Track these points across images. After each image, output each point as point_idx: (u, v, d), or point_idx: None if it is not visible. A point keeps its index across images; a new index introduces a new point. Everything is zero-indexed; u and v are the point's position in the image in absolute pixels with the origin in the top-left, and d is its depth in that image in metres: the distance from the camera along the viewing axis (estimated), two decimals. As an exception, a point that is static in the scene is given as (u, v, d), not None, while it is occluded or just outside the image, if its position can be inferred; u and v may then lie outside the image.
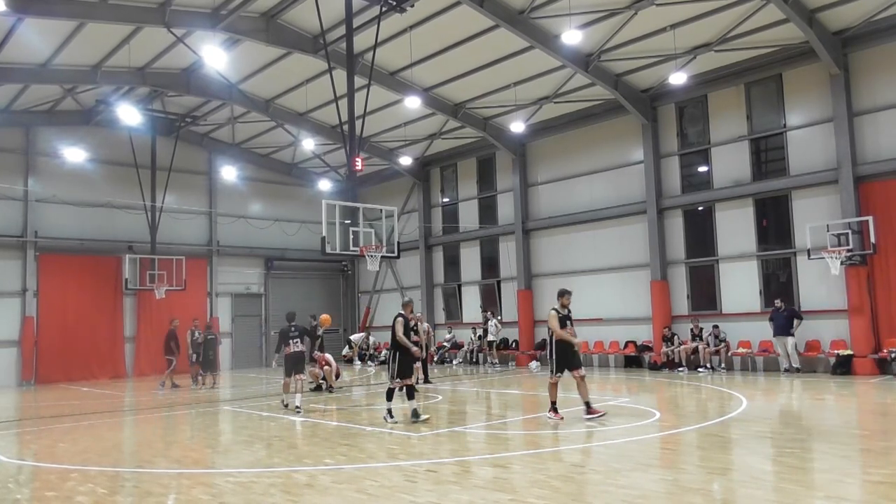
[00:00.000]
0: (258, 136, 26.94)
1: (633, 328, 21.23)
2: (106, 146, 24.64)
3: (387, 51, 19.19)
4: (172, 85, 21.83)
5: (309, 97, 22.77)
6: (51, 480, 7.87)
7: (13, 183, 23.02)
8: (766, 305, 18.19)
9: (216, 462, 8.81)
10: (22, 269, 23.21)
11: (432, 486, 6.92)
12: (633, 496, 6.21)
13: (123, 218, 25.07)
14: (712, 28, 17.52)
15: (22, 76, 19.82)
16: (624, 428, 10.24)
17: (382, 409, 11.68)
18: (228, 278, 27.96)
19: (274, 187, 29.44)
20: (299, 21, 18.81)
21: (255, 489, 7.02)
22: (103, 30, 17.88)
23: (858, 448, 8.22)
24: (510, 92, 21.71)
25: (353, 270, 31.63)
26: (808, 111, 18.03)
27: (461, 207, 27.06)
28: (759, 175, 19.00)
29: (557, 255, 23.47)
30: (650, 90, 20.64)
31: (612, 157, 21.98)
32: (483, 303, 25.42)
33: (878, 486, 6.44)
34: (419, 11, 17.44)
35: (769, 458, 7.94)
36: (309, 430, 11.00)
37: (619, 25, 17.78)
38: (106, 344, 24.50)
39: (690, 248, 20.36)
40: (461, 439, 9.89)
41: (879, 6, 16.03)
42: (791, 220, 18.18)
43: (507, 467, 7.80)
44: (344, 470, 7.81)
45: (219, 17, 17.65)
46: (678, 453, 8.64)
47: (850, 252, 16.32)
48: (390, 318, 11.87)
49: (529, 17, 17.58)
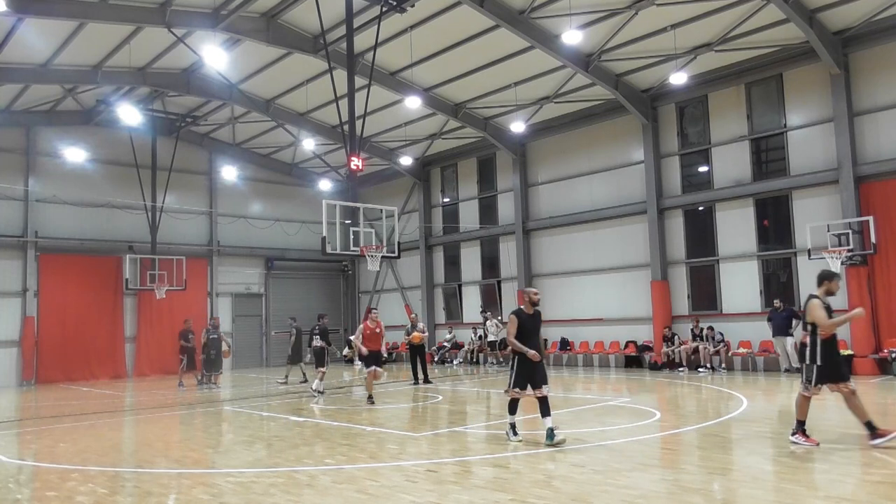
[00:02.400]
0: (258, 136, 26.95)
1: (633, 328, 21.24)
2: (106, 146, 24.65)
3: (387, 51, 19.19)
4: (173, 85, 21.84)
5: (309, 97, 22.77)
6: (51, 480, 7.87)
7: (14, 183, 23.03)
8: (767, 305, 18.18)
9: (216, 462, 8.81)
10: (22, 269, 23.21)
11: (433, 486, 6.92)
12: (633, 496, 6.21)
13: (124, 218, 25.08)
14: (713, 28, 17.52)
15: (22, 76, 19.83)
16: (624, 428, 10.24)
17: (504, 422, 9.41)
18: (229, 278, 27.96)
19: (274, 187, 29.44)
20: (299, 21, 18.81)
21: (255, 489, 7.01)
22: (104, 30, 17.88)
23: (858, 448, 8.21)
24: (510, 92, 21.71)
25: (354, 270, 31.64)
26: (808, 111, 18.02)
27: (461, 207, 27.07)
28: (760, 175, 19.00)
29: (558, 255, 23.47)
30: (650, 90, 20.64)
31: (613, 157, 21.99)
32: (483, 305, 25.40)
33: (879, 486, 6.44)
34: (419, 11, 17.44)
35: (769, 458, 7.93)
36: (309, 431, 10.99)
37: (620, 25, 17.78)
38: (106, 344, 24.49)
39: (691, 248, 20.36)
40: (461, 439, 9.89)
41: (880, 6, 16.03)
42: (791, 220, 18.18)
43: (507, 467, 7.81)
44: (344, 470, 7.81)
45: (219, 17, 17.65)
46: (678, 453, 8.64)
47: (850, 252, 16.32)
48: (391, 318, 11.73)
49: (530, 17, 17.58)
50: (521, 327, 8.89)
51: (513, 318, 8.95)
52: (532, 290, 9.23)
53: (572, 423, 10.53)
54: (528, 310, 9.01)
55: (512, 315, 9.01)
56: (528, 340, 8.84)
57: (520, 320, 8.91)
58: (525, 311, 9.01)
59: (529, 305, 9.08)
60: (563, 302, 23.07)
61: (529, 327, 8.93)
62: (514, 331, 8.88)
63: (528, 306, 9.08)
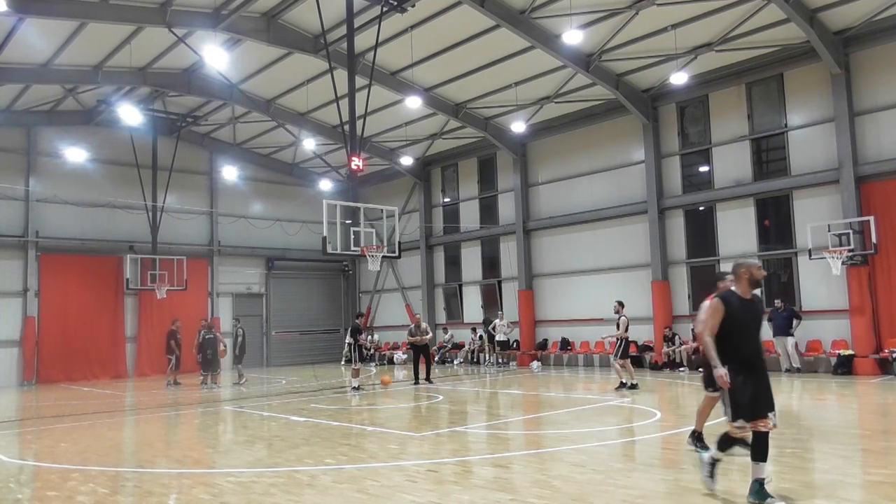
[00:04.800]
0: (259, 136, 26.96)
1: (634, 328, 21.08)
2: (107, 146, 24.67)
3: (387, 51, 19.18)
4: (173, 85, 21.85)
5: (310, 97, 22.78)
6: (52, 480, 7.88)
7: (14, 183, 23.04)
8: (767, 306, 18.15)
9: (217, 462, 8.81)
10: (23, 269, 23.23)
11: (433, 486, 6.92)
12: (633, 496, 6.21)
13: (124, 218, 25.09)
14: (713, 28, 17.51)
15: (23, 76, 19.85)
16: (624, 428, 10.25)
17: (703, 455, 6.30)
18: (229, 278, 27.97)
19: (275, 187, 29.45)
20: (300, 21, 18.81)
21: (255, 489, 7.02)
22: (104, 30, 17.89)
23: (859, 448, 8.21)
24: (511, 92, 21.71)
25: (354, 270, 31.63)
26: (809, 111, 18.01)
27: (462, 207, 27.06)
28: (761, 175, 18.99)
29: (558, 255, 23.47)
30: (651, 90, 20.63)
31: (613, 157, 21.98)
32: (486, 313, 25.33)
33: (879, 486, 6.44)
34: (420, 11, 17.44)
35: (769, 458, 7.89)
36: (310, 430, 11.00)
37: (620, 25, 17.78)
38: (107, 344, 24.51)
39: (691, 248, 20.35)
40: (462, 439, 9.89)
41: (880, 6, 16.02)
42: (792, 220, 18.16)
43: (507, 467, 7.81)
44: (345, 470, 7.81)
45: (220, 17, 17.66)
46: (679, 453, 8.63)
47: (851, 252, 16.31)
48: (391, 318, 11.65)
49: (530, 17, 17.58)
50: (730, 321, 5.75)
51: (716, 305, 5.81)
52: (754, 262, 6.09)
53: (573, 423, 10.53)
54: (743, 292, 5.88)
55: (716, 301, 5.86)
56: (740, 342, 5.76)
57: (728, 310, 5.75)
58: (738, 294, 5.87)
59: (747, 286, 5.89)
60: (564, 302, 23.07)
61: (744, 320, 5.79)
62: (714, 326, 5.78)
63: (744, 287, 5.89)
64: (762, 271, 5.97)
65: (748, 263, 5.93)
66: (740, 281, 5.89)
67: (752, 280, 5.88)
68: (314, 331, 30.16)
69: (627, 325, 15.03)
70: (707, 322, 5.83)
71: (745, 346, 5.75)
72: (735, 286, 5.92)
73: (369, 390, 16.89)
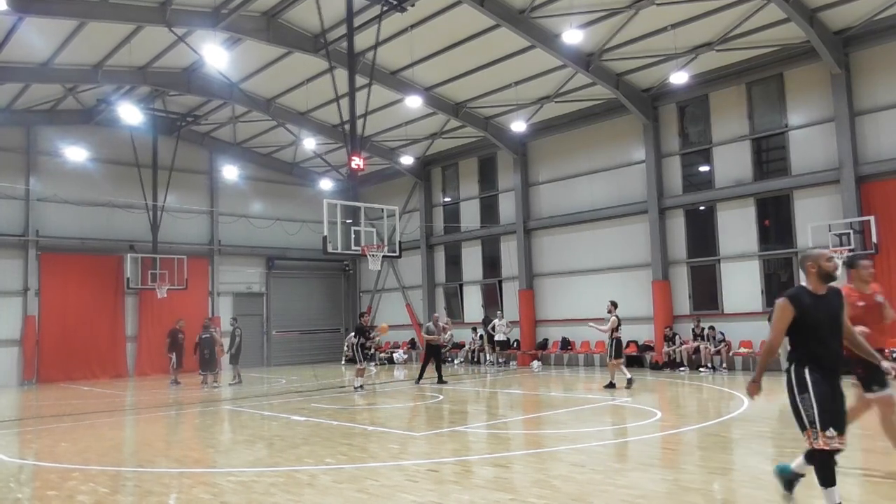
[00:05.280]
0: (259, 135, 26.95)
1: (634, 328, 21.18)
2: (107, 145, 24.66)
3: (387, 50, 19.18)
4: (173, 84, 21.84)
5: (310, 96, 22.77)
6: (52, 480, 7.87)
7: (14, 182, 23.03)
8: (768, 305, 18.16)
9: (217, 461, 8.82)
10: (23, 268, 23.22)
11: (433, 486, 6.92)
12: (633, 496, 6.21)
13: (125, 217, 25.08)
14: (713, 28, 17.50)
15: (23, 75, 19.84)
16: (624, 428, 10.25)
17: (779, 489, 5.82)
18: (230, 277, 27.97)
19: (275, 187, 29.44)
20: (300, 20, 18.80)
21: (256, 488, 7.02)
22: (104, 29, 17.89)
23: (859, 448, 8.20)
24: (511, 91, 21.70)
25: (355, 270, 31.64)
26: (809, 111, 18.01)
27: (462, 207, 27.06)
28: (761, 175, 18.99)
29: (559, 255, 23.47)
30: (651, 90, 20.62)
31: (614, 157, 21.97)
32: (486, 313, 25.33)
33: (879, 486, 6.44)
34: (420, 11, 17.44)
35: (770, 458, 7.92)
36: (310, 430, 11.00)
37: (620, 25, 17.77)
38: (107, 343, 24.51)
39: (692, 247, 20.34)
40: (462, 439, 9.89)
41: (880, 6, 16.01)
42: (792, 220, 18.16)
43: (507, 467, 7.81)
44: (345, 469, 7.81)
45: (219, 17, 17.65)
46: (679, 453, 8.63)
47: (851, 252, 16.29)
48: (391, 318, 11.68)
49: (530, 17, 17.57)
50: (803, 321, 5.06)
51: (783, 305, 5.11)
52: (821, 252, 5.34)
53: (573, 423, 10.53)
54: (815, 288, 5.16)
55: (783, 302, 5.12)
56: (815, 344, 5.08)
57: (800, 310, 5.05)
58: (811, 290, 5.16)
59: (817, 280, 5.18)
60: (564, 302, 23.07)
61: (817, 318, 5.07)
62: (782, 329, 5.12)
63: (815, 282, 5.19)
64: (832, 262, 5.16)
65: (814, 255, 5.21)
66: (809, 276, 5.19)
67: (822, 273, 5.13)
68: (314, 330, 30.16)
69: (616, 325, 15.34)
70: (774, 325, 5.11)
71: (821, 348, 5.04)
72: (806, 281, 5.23)
73: (371, 389, 16.90)
